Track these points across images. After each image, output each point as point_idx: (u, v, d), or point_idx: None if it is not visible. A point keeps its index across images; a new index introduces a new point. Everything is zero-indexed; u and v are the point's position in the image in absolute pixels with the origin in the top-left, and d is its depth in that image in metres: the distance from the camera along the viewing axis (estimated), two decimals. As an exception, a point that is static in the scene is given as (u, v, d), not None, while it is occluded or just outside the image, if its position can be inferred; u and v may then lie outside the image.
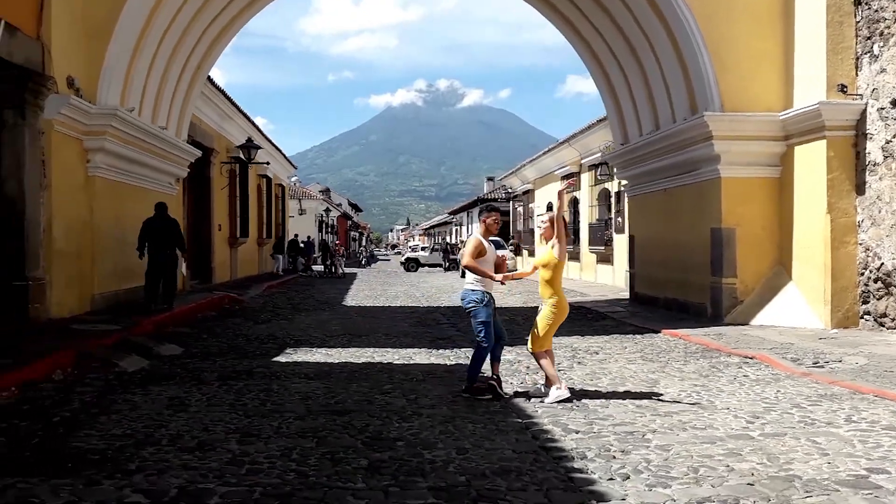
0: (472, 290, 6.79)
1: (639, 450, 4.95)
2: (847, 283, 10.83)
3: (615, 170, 17.14)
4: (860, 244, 10.77)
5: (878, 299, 10.48)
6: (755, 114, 11.67)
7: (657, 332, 11.33)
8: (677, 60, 12.50)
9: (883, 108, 10.24)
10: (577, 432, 5.43)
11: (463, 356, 9.14)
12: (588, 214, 24.04)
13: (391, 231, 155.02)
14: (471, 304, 6.78)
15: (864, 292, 10.77)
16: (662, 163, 13.66)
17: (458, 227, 60.78)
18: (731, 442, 5.10)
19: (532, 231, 33.43)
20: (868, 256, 10.66)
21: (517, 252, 34.16)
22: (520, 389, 6.98)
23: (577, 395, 6.69)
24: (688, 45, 11.95)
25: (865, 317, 10.75)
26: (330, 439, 5.19)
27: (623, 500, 4.04)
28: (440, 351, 9.62)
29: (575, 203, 26.10)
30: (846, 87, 10.72)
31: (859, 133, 10.73)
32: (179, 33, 13.43)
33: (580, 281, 24.89)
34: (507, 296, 20.28)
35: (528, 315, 14.90)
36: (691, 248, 12.84)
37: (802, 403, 6.30)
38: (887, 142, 10.17)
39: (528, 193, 33.70)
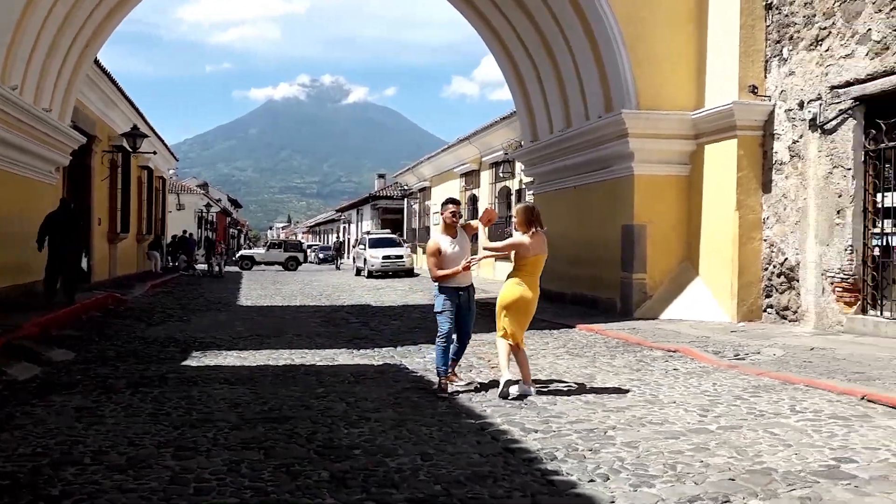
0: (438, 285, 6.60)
1: (607, 448, 4.77)
2: (752, 278, 11.27)
3: (523, 167, 17.21)
4: (765, 240, 11.23)
5: (780, 293, 10.96)
6: (669, 112, 11.96)
7: (572, 327, 11.37)
8: (594, 58, 12.63)
9: (791, 110, 10.71)
10: (536, 431, 5.21)
11: (388, 356, 8.78)
12: (488, 212, 24.12)
13: (271, 229, 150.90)
14: (435, 296, 6.62)
15: (767, 286, 11.25)
16: (574, 160, 13.78)
17: (347, 225, 59.92)
18: (693, 436, 5.03)
19: (428, 229, 33.32)
20: (772, 252, 11.14)
21: (413, 250, 33.93)
22: (460, 388, 6.69)
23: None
24: (607, 43, 12.08)
25: (768, 310, 11.22)
26: (278, 450, 4.70)
27: (612, 502, 3.83)
28: (361, 351, 9.21)
29: (474, 201, 26.17)
30: (756, 88, 11.15)
31: (767, 133, 11.19)
32: (68, 7, 12.19)
33: (479, 278, 24.94)
34: (410, 293, 20.04)
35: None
36: (602, 244, 13.01)
37: (743, 395, 6.36)
38: (794, 142, 10.65)
39: (425, 191, 33.57)
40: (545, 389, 6.66)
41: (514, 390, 6.27)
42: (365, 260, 28.10)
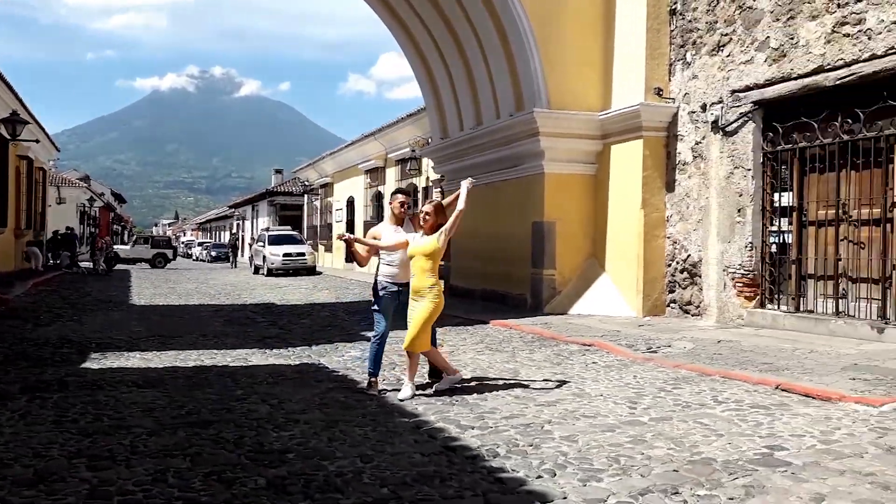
0: (377, 278, 6.42)
1: (547, 443, 4.74)
2: (656, 274, 11.66)
3: (433, 164, 17.13)
4: (668, 238, 11.64)
5: (683, 288, 11.40)
6: (578, 112, 12.19)
7: (486, 322, 11.40)
8: (506, 57, 12.70)
9: (694, 112, 11.13)
10: (472, 428, 5.12)
11: (304, 355, 8.48)
12: (393, 209, 23.91)
13: (156, 225, 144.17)
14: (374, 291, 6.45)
15: (670, 282, 11.66)
16: (486, 157, 13.83)
17: (241, 222, 58.11)
18: (629, 429, 5.07)
19: (330, 226, 32.76)
20: (675, 249, 11.55)
21: (315, 248, 33.26)
22: (386, 387, 6.52)
23: (454, 389, 6.41)
24: (519, 42, 12.17)
25: (672, 305, 11.64)
26: (205, 456, 4.38)
27: (564, 498, 3.78)
28: (275, 351, 8.85)
29: (378, 198, 25.90)
30: (662, 90, 11.53)
31: (671, 134, 11.59)
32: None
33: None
34: (315, 290, 19.58)
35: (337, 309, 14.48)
36: (513, 241, 13.13)
37: (665, 387, 6.50)
38: (697, 143, 11.07)
39: (327, 187, 32.95)
40: (472, 386, 6.59)
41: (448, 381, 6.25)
42: (264, 257, 27.28)
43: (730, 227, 10.44)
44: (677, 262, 11.47)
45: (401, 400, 6.01)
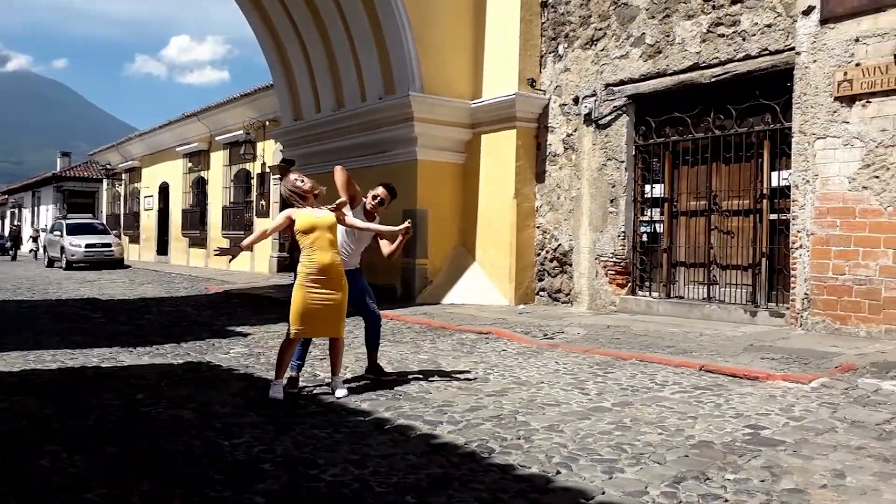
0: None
1: (535, 435, 4.43)
2: (527, 263, 11.77)
3: (281, 147, 16.08)
4: (538, 227, 11.79)
5: (553, 276, 11.60)
6: (453, 99, 11.96)
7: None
8: (375, 37, 12.15)
9: (566, 105, 11.34)
10: (442, 423, 4.69)
11: (184, 354, 7.47)
12: (222, 196, 22.27)
13: None
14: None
15: (539, 270, 11.83)
16: (348, 142, 13.18)
17: (17, 210, 51.69)
18: (602, 415, 4.89)
19: (137, 214, 29.94)
20: (545, 238, 11.73)
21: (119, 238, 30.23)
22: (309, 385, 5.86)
23: (383, 383, 5.89)
24: (392, 23, 11.67)
25: (541, 293, 11.82)
26: (166, 474, 3.56)
27: (603, 493, 3.50)
28: (143, 349, 7.77)
29: (201, 184, 24.02)
30: (535, 81, 11.63)
31: (541, 126, 11.74)
32: None
33: (190, 266, 23.05)
34: (136, 285, 17.70)
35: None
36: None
37: (597, 372, 6.43)
38: (568, 135, 11.30)
39: (134, 172, 30.03)
40: (404, 379, 6.11)
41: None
42: (62, 248, 24.25)
43: (602, 217, 10.76)
44: (547, 252, 11.66)
45: (338, 398, 5.41)
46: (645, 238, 10.54)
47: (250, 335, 8.88)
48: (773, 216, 9.00)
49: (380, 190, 6.27)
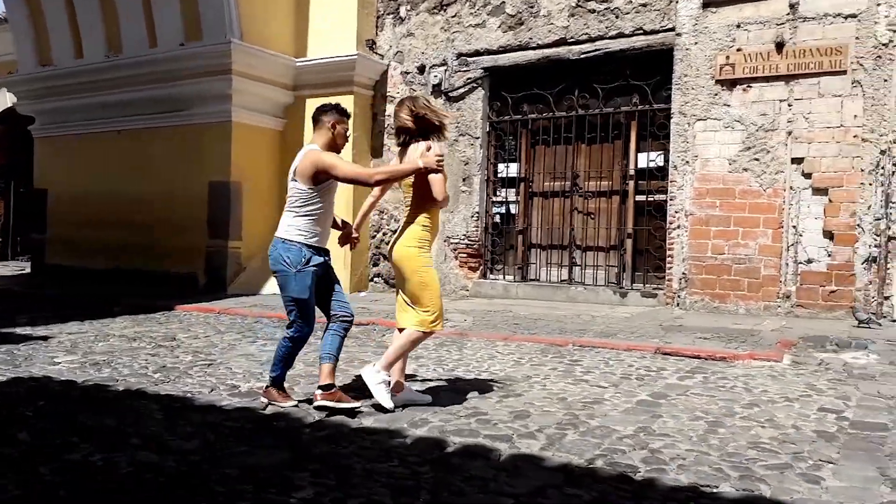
0: (287, 244, 3.92)
1: (646, 441, 3.54)
2: (363, 246, 10.54)
3: (17, 100, 12.55)
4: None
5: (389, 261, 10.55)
6: (279, 54, 10.21)
7: (171, 309, 8.72)
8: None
9: (409, 73, 10.32)
10: (521, 438, 3.58)
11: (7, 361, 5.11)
12: None
13: None
14: (280, 268, 4.02)
15: (375, 255, 10.70)
16: (127, 96, 10.64)
17: None
18: (668, 409, 4.15)
19: None
20: (382, 219, 10.63)
21: None
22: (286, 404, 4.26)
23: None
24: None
25: (376, 279, 10.70)
26: None
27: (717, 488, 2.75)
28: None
29: None
30: (375, 43, 10.41)
31: (378, 94, 10.57)
32: None
33: None
34: None
35: None
36: (173, 206, 10.40)
37: (547, 362, 5.64)
38: (412, 106, 10.29)
39: None
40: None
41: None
42: None
43: (454, 196, 9.96)
44: (385, 234, 10.57)
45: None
46: (498, 219, 10.00)
47: (51, 338, 6.53)
48: (641, 197, 9.00)
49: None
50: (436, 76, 10.03)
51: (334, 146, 4.15)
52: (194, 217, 10.27)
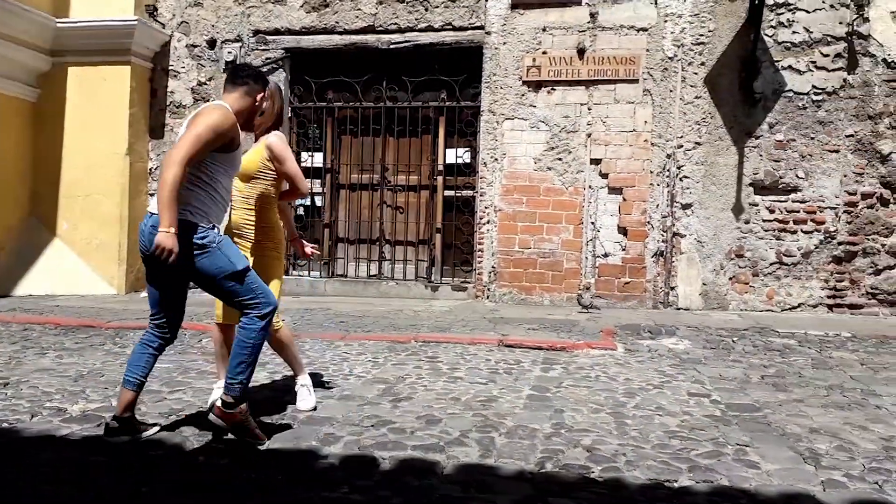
0: (189, 223, 3.25)
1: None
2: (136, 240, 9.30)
3: None
4: (153, 195, 9.43)
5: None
6: (34, 10, 8.53)
7: None
8: None
9: (196, 46, 9.27)
10: (468, 439, 3.33)
11: None
12: None
13: None
14: (199, 252, 3.29)
15: (153, 250, 9.51)
16: None
17: None
18: (563, 405, 4.17)
19: None
20: (163, 209, 9.48)
21: None
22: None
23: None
24: None
25: (155, 277, 9.51)
26: None
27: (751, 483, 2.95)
28: None
29: None
30: (157, 10, 9.17)
31: (158, 68, 9.37)
32: None
33: None
34: None
35: None
36: None
37: (392, 359, 5.44)
38: (200, 83, 9.28)
39: None
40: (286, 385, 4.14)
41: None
42: None
43: (249, 185, 9.21)
44: (166, 225, 9.43)
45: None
46: (301, 211, 9.43)
47: None
48: (449, 192, 9.06)
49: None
50: (230, 52, 9.17)
51: (243, 120, 3.50)
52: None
